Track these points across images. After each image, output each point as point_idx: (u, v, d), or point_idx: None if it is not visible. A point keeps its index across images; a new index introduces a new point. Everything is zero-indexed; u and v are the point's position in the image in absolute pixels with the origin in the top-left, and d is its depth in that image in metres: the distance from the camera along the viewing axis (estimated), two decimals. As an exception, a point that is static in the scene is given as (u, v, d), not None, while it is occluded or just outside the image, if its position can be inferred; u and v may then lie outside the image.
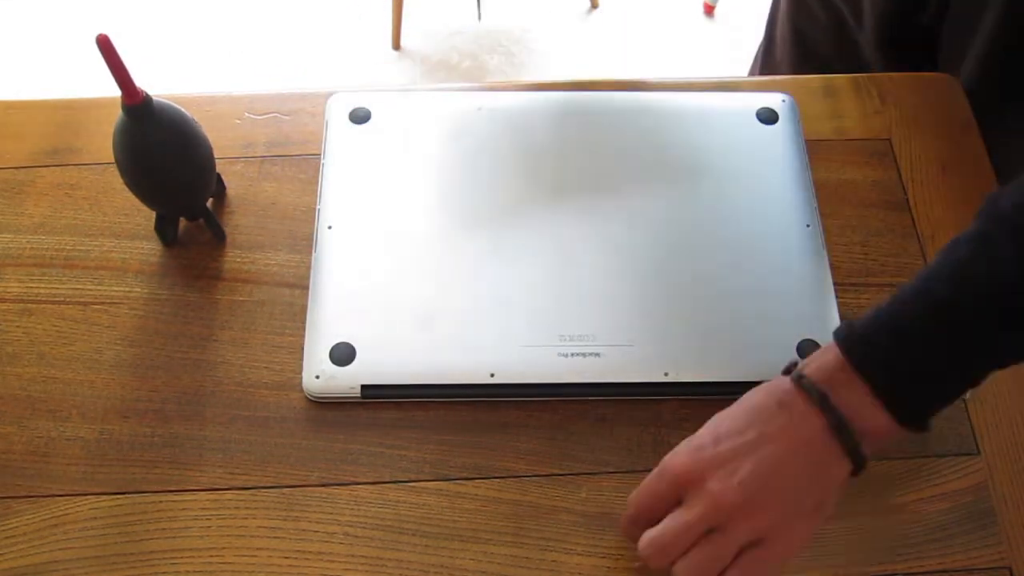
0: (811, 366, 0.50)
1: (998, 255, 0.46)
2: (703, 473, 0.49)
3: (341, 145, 0.69)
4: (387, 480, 0.58)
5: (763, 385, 0.52)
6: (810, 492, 0.49)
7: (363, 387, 0.59)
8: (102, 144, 0.69)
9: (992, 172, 0.70)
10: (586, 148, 0.69)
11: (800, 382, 0.50)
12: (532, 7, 2.14)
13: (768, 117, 0.71)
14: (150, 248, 0.66)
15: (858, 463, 0.49)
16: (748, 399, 0.52)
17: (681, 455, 0.50)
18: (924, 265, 0.47)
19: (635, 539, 0.51)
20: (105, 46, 0.52)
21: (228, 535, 0.56)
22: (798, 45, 0.90)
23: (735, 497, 0.48)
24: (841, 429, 0.48)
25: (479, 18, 0.53)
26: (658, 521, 0.50)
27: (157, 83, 0.62)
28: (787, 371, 0.52)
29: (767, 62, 0.98)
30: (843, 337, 0.50)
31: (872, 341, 0.48)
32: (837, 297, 0.63)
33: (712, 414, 0.60)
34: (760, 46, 1.00)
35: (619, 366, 0.60)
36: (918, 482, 0.58)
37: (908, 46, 0.78)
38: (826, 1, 0.84)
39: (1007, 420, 0.61)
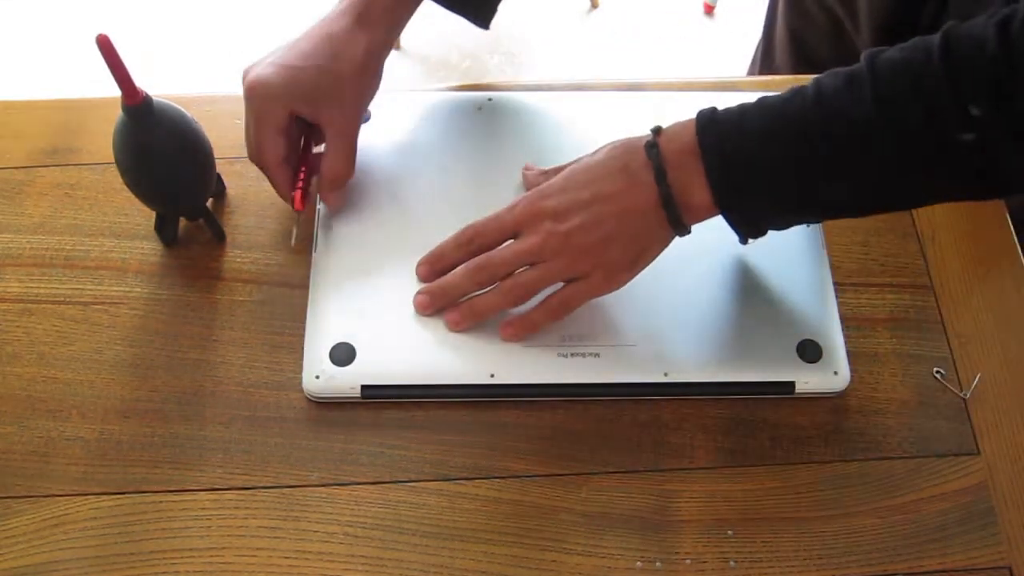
0: (666, 134, 0.56)
1: (858, 96, 0.50)
2: (541, 217, 0.57)
3: (341, 145, 0.68)
4: (387, 480, 0.58)
5: (623, 141, 0.58)
6: (630, 248, 0.57)
7: (363, 387, 0.59)
8: (102, 144, 0.69)
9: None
10: (586, 148, 0.69)
11: (649, 151, 0.55)
12: (532, 7, 2.14)
13: (768, 117, 0.71)
14: (150, 248, 0.66)
15: (680, 232, 0.57)
16: (603, 154, 0.58)
17: (529, 197, 0.58)
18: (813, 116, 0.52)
19: (445, 264, 0.61)
20: (105, 46, 0.52)
21: (228, 535, 0.56)
22: (796, 48, 0.90)
23: (560, 240, 0.56)
24: (668, 203, 0.55)
25: (294, 243, 0.56)
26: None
27: (157, 83, 0.61)
28: (653, 132, 0.56)
29: (765, 64, 0.98)
30: (703, 117, 0.55)
31: (722, 130, 0.54)
32: (837, 297, 0.63)
33: (712, 414, 0.60)
34: (758, 48, 1.00)
35: (619, 366, 0.60)
36: (918, 482, 0.58)
37: None
38: (823, 3, 0.84)
39: (1007, 420, 0.61)
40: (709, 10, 2.15)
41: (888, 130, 0.50)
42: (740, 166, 0.53)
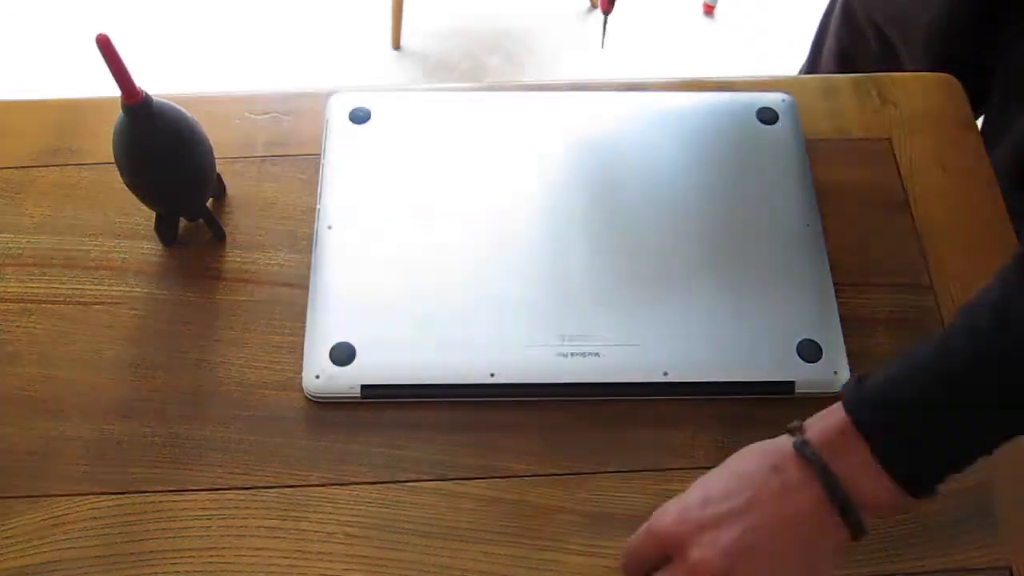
0: (814, 428, 0.47)
1: (1011, 331, 0.44)
2: (687, 537, 0.47)
3: (341, 145, 0.68)
4: (387, 480, 0.58)
5: (759, 445, 0.49)
6: (801, 563, 0.46)
7: (363, 387, 0.59)
8: (102, 144, 0.69)
9: (991, 172, 0.70)
10: (586, 148, 0.69)
11: (800, 448, 0.46)
12: (532, 7, 2.14)
13: (768, 117, 0.71)
14: (150, 248, 0.66)
15: (858, 533, 0.46)
16: (740, 459, 0.49)
17: (668, 515, 0.48)
18: (944, 325, 0.45)
19: None
20: (105, 46, 0.52)
21: (228, 535, 0.56)
22: (843, 64, 0.90)
23: (716, 567, 0.45)
24: (841, 501, 0.45)
25: (603, 46, 0.53)
26: None
27: (157, 83, 0.61)
28: (791, 431, 0.48)
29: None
30: (851, 397, 0.47)
31: (879, 404, 0.46)
32: (837, 297, 0.63)
33: (712, 414, 0.60)
34: (805, 62, 1.00)
35: (619, 366, 0.60)
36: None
37: (960, 71, 0.77)
38: (876, 24, 0.83)
39: (1007, 420, 0.60)
40: (709, 10, 2.15)
41: None
42: (910, 441, 0.45)
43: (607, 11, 0.57)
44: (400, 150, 0.68)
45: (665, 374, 0.60)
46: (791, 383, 0.60)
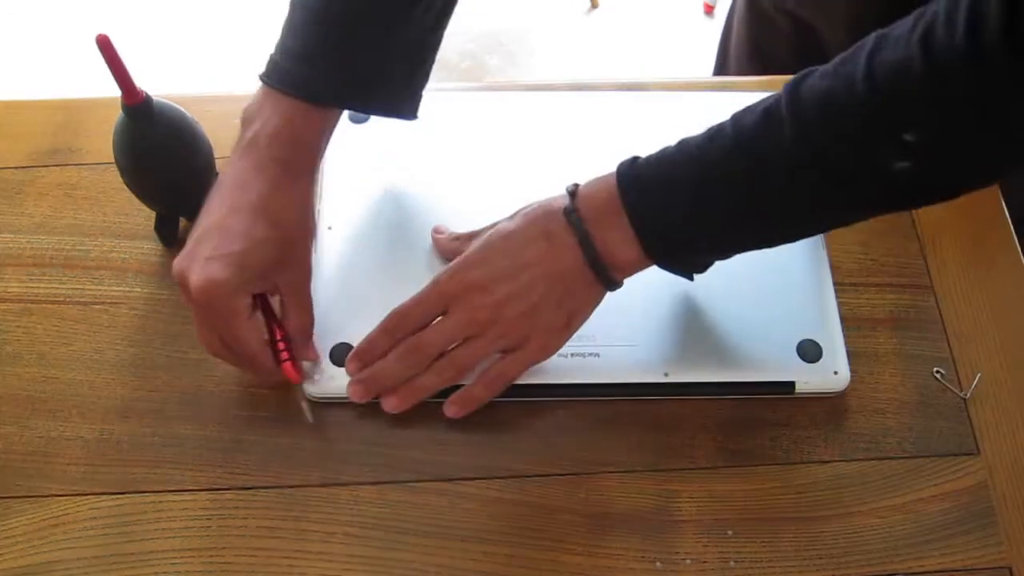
0: (584, 196, 0.55)
1: (779, 133, 0.49)
2: (468, 290, 0.55)
3: (341, 145, 0.68)
4: (387, 480, 0.58)
5: (539, 205, 0.56)
6: (561, 312, 0.56)
7: (363, 387, 0.59)
8: (102, 144, 0.69)
9: (992, 172, 0.70)
10: (586, 148, 0.69)
11: (569, 217, 0.54)
12: (532, 7, 2.14)
13: (768, 117, 0.71)
14: (150, 248, 0.66)
15: (612, 288, 0.56)
16: (521, 221, 0.56)
17: (451, 271, 0.56)
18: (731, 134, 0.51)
19: (370, 355, 0.57)
20: (105, 46, 0.52)
21: (228, 535, 0.56)
22: (753, 53, 0.89)
23: (490, 313, 0.55)
24: (596, 264, 0.54)
25: (310, 421, 0.54)
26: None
27: (157, 83, 0.61)
28: (568, 192, 0.56)
29: (721, 73, 0.97)
30: (624, 174, 0.54)
31: (644, 185, 0.53)
32: (837, 297, 0.63)
33: (712, 414, 0.60)
34: (714, 69, 1.00)
35: (619, 366, 0.60)
36: (918, 482, 0.58)
37: None
38: (784, 8, 0.82)
39: (1007, 420, 0.61)
40: (709, 10, 2.15)
41: (812, 167, 0.49)
42: (666, 221, 0.53)
43: (298, 382, 0.59)
44: (400, 150, 0.68)
45: (665, 374, 0.60)
46: (791, 383, 0.60)
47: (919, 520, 0.57)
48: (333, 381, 0.59)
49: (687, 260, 0.56)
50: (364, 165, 0.67)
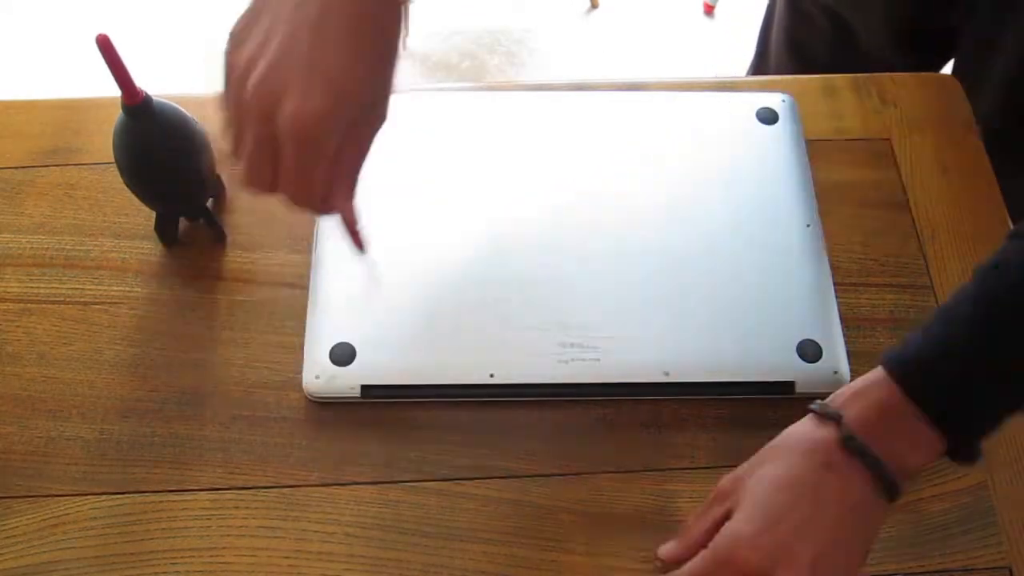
0: (852, 411, 0.48)
1: (1011, 279, 0.47)
2: (768, 562, 0.46)
3: (341, 145, 0.68)
4: (387, 480, 0.58)
5: (797, 441, 0.49)
6: (863, 546, 0.49)
7: (363, 387, 0.59)
8: (102, 144, 0.69)
9: (992, 173, 0.70)
10: (586, 148, 0.69)
11: (849, 443, 0.47)
12: (532, 7, 2.14)
13: (768, 117, 0.71)
14: (150, 248, 0.66)
15: (895, 499, 0.48)
16: (785, 462, 0.49)
17: (744, 545, 0.47)
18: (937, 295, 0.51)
19: None
20: (105, 46, 0.52)
21: (228, 535, 0.56)
22: (793, 52, 0.90)
23: None
24: (889, 487, 0.47)
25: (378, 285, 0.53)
26: None
27: (157, 83, 0.61)
28: (821, 415, 0.49)
29: (760, 72, 0.97)
30: (893, 365, 0.48)
31: (926, 366, 0.47)
32: (837, 297, 0.63)
33: (712, 414, 0.60)
34: (752, 61, 1.00)
35: (619, 366, 0.60)
36: (918, 482, 0.58)
37: (925, 45, 0.76)
38: (826, 7, 0.83)
39: (1007, 420, 0.60)
40: (709, 10, 2.15)
41: None
42: (968, 408, 0.47)
43: (363, 250, 0.53)
44: (400, 150, 0.68)
45: (665, 374, 0.60)
46: (791, 383, 0.60)
47: (919, 520, 0.57)
48: (333, 381, 0.59)
49: (977, 443, 0.49)
50: (364, 165, 0.67)
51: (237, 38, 0.49)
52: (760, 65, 0.98)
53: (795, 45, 0.90)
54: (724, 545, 0.48)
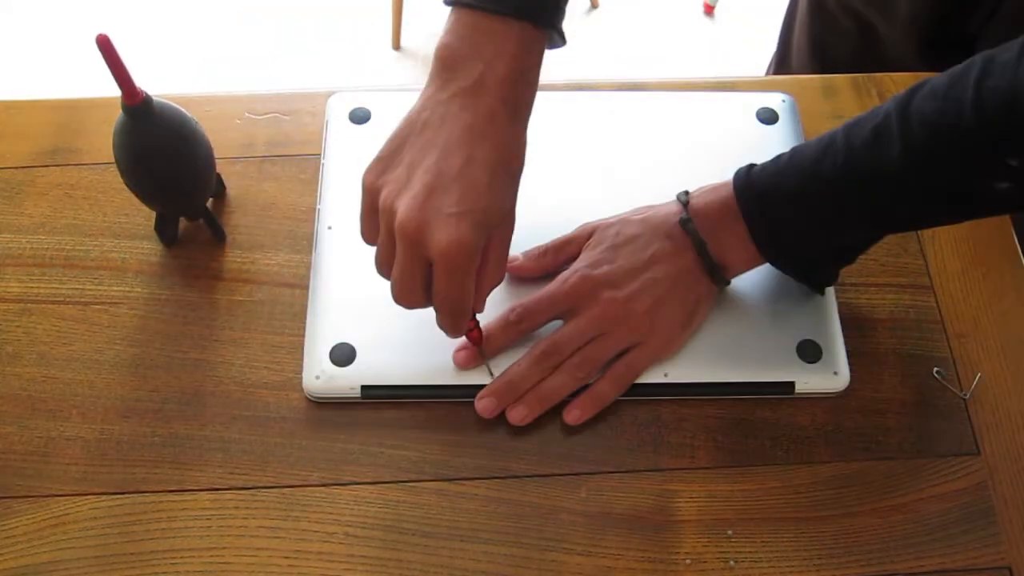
0: (698, 204, 0.59)
1: (888, 153, 0.51)
2: (597, 287, 0.58)
3: (341, 145, 0.68)
4: (387, 480, 0.58)
5: (652, 210, 0.61)
6: (682, 308, 0.59)
7: (363, 387, 0.59)
8: (102, 144, 0.69)
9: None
10: (586, 148, 0.69)
11: (686, 226, 0.58)
12: (532, 7, 2.14)
13: (768, 117, 0.71)
14: (150, 248, 0.66)
15: (722, 285, 0.60)
16: (640, 224, 0.60)
17: (579, 271, 0.59)
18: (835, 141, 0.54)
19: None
20: (105, 46, 0.52)
21: (228, 535, 0.56)
22: (816, 53, 0.90)
23: (620, 308, 0.57)
24: (711, 265, 0.58)
25: (492, 377, 0.56)
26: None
27: (157, 83, 0.61)
28: (680, 199, 0.60)
29: (781, 71, 0.97)
30: (740, 181, 0.58)
31: (759, 193, 0.57)
32: (837, 297, 0.63)
33: (712, 414, 0.60)
34: (773, 57, 1.00)
35: (619, 366, 0.60)
36: (918, 482, 0.58)
37: (947, 52, 0.76)
38: (850, 8, 0.83)
39: (1007, 420, 0.61)
40: (709, 10, 2.15)
41: (919, 185, 0.51)
42: (779, 227, 0.57)
43: (480, 344, 0.59)
44: (400, 150, 0.68)
45: (665, 374, 0.60)
46: (791, 383, 0.60)
47: (919, 520, 0.57)
48: (333, 381, 0.59)
49: (797, 261, 0.59)
50: (364, 165, 0.67)
51: (382, 163, 0.54)
52: (780, 66, 0.98)
53: (818, 46, 0.89)
54: (563, 274, 0.60)
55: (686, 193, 0.60)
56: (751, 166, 0.58)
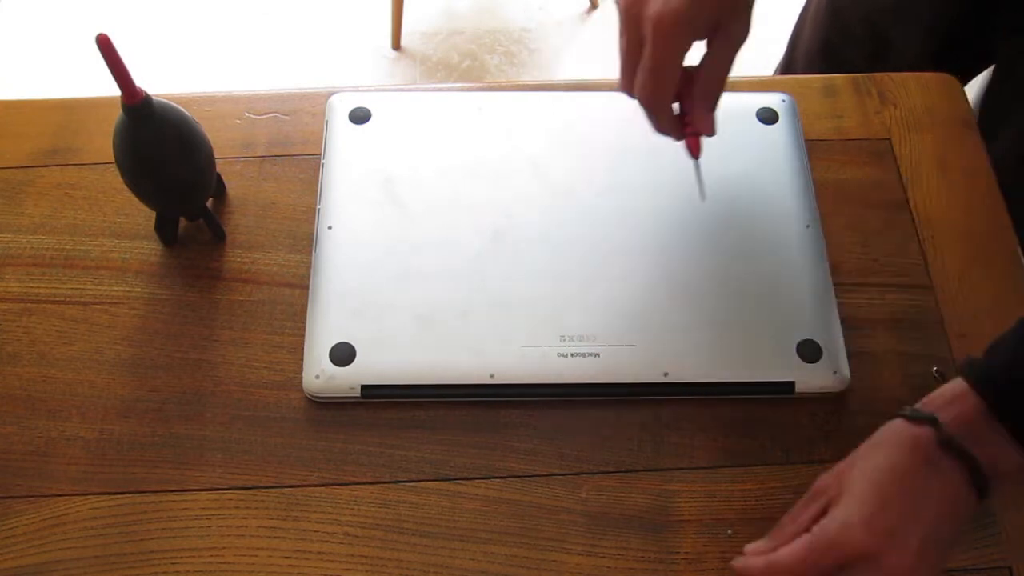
0: (948, 416, 0.50)
1: None
2: (877, 546, 0.48)
3: (341, 145, 0.69)
4: (387, 480, 0.58)
5: (895, 436, 0.51)
6: (955, 540, 0.51)
7: (363, 387, 0.59)
8: (102, 144, 0.69)
9: (992, 173, 0.70)
10: (586, 148, 0.69)
11: (948, 445, 0.50)
12: (531, 7, 2.14)
13: (768, 117, 0.71)
14: (150, 248, 0.66)
15: (986, 499, 0.51)
16: (888, 455, 0.51)
17: (856, 526, 0.49)
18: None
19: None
20: (105, 46, 0.52)
21: (228, 535, 0.56)
22: (827, 57, 0.89)
23: (910, 566, 0.48)
24: (982, 487, 0.50)
25: (703, 198, 0.54)
26: None
27: (157, 83, 0.61)
28: (913, 419, 0.51)
29: (788, 73, 0.97)
30: (981, 381, 0.50)
31: (1013, 386, 0.49)
32: (837, 297, 0.63)
33: (712, 414, 0.60)
34: (780, 64, 1.00)
35: (619, 366, 0.60)
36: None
37: (963, 55, 0.76)
38: (868, 19, 0.83)
39: (1007, 420, 0.60)
40: (709, 10, 2.15)
41: None
42: None
43: (696, 157, 0.58)
44: (400, 150, 0.68)
45: (665, 374, 0.60)
46: (791, 383, 0.60)
47: (919, 520, 0.57)
48: (333, 381, 0.59)
49: None
50: (364, 165, 0.67)
51: None
52: (787, 72, 0.98)
53: (827, 50, 0.89)
54: (833, 528, 0.49)
55: (918, 411, 0.51)
56: (969, 361, 0.52)
